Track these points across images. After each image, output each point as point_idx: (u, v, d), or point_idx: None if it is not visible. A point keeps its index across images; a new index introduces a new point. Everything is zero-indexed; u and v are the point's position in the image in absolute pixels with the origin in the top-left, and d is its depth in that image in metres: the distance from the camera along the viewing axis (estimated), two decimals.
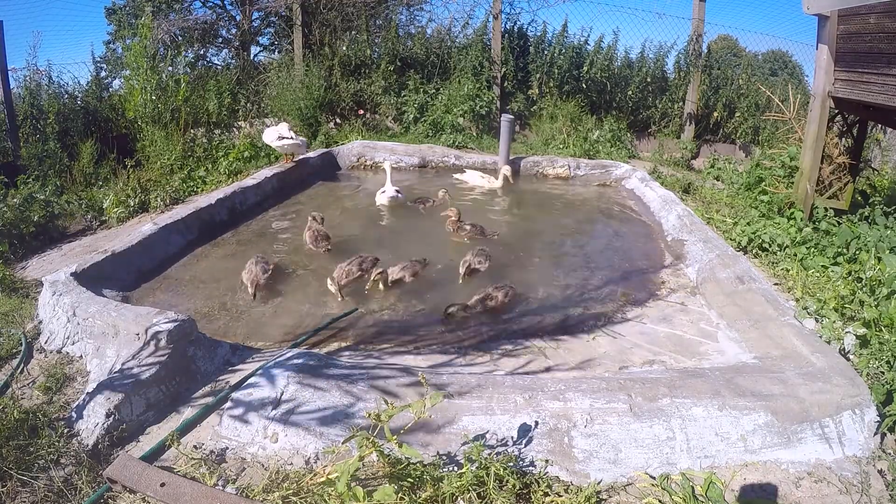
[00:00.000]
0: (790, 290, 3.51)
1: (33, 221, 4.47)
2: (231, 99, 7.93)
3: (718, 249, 3.89)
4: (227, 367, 2.54)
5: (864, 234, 3.85)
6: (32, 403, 2.28)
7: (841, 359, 2.45)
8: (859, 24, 4.15)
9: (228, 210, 4.82)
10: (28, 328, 2.93)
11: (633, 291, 3.67)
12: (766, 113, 8.11)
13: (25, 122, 6.39)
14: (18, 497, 1.78)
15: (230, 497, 1.73)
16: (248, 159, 6.45)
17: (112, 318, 2.57)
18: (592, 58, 8.69)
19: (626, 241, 4.71)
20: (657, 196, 5.54)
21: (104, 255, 3.46)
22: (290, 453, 1.99)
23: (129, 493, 1.80)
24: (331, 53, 8.49)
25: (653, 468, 2.00)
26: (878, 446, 2.17)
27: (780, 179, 5.33)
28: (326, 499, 1.73)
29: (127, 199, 5.11)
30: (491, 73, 8.43)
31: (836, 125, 4.91)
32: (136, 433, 2.13)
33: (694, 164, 8.27)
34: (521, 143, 8.07)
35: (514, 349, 2.88)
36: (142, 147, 6.29)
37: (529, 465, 1.95)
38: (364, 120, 8.35)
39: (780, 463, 2.07)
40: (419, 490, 1.78)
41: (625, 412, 2.08)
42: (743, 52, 12.76)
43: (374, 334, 3.03)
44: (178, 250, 4.02)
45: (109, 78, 8.28)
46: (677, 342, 3.01)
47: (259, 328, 3.07)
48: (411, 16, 9.42)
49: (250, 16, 9.03)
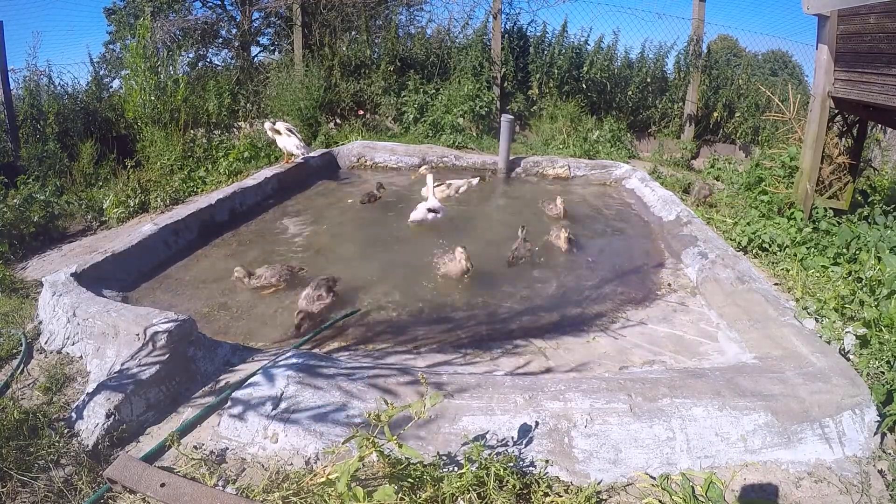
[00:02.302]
0: (790, 290, 3.51)
1: (33, 222, 4.47)
2: (231, 99, 7.94)
3: (718, 249, 3.89)
4: (228, 368, 2.54)
5: (864, 234, 3.85)
6: (32, 404, 2.28)
7: (841, 359, 2.45)
8: (859, 24, 4.15)
9: (229, 210, 4.82)
10: (28, 328, 2.93)
11: (633, 291, 3.67)
12: (766, 113, 8.10)
13: (25, 122, 6.39)
14: (18, 497, 1.78)
15: (230, 497, 1.73)
16: (248, 159, 6.45)
17: (112, 318, 2.57)
18: (592, 58, 8.69)
19: (626, 241, 4.71)
20: (657, 196, 5.55)
21: (104, 256, 3.46)
22: (290, 453, 1.99)
23: (129, 493, 1.80)
24: (331, 54, 8.49)
25: (653, 468, 2.00)
26: (878, 446, 2.17)
27: (780, 179, 5.32)
28: (326, 499, 1.73)
29: (127, 199, 5.11)
30: (491, 73, 8.43)
31: (836, 125, 4.91)
32: (137, 433, 2.13)
33: (694, 165, 8.27)
34: (521, 143, 8.08)
35: (513, 349, 2.88)
36: (142, 147, 6.29)
37: (529, 465, 1.95)
38: (364, 120, 8.36)
39: (781, 463, 2.07)
40: (419, 490, 1.78)
41: (625, 412, 2.08)
42: (743, 52, 12.75)
43: (374, 334, 3.03)
44: (177, 250, 4.02)
45: (109, 78, 8.28)
46: (677, 342, 3.01)
47: (259, 328, 3.07)
48: (411, 16, 9.45)
49: (250, 16, 9.03)
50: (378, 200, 5.39)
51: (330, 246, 4.30)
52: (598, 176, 6.85)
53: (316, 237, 4.54)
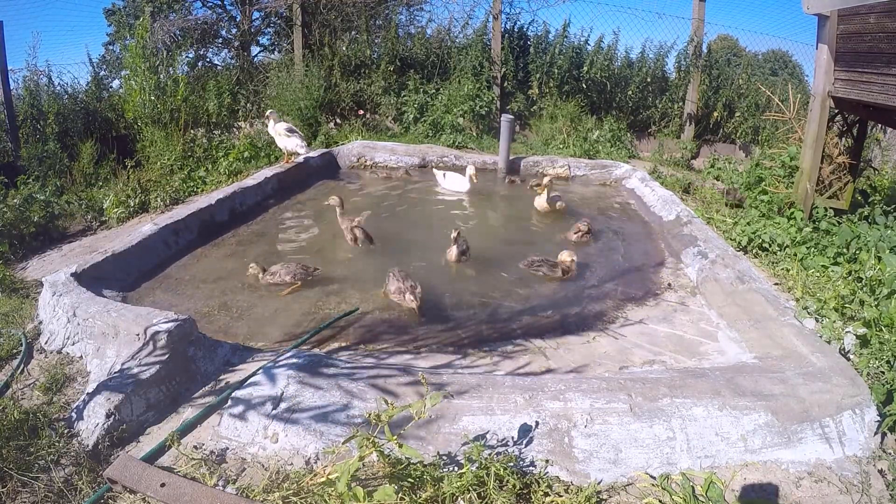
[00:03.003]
0: (790, 290, 3.51)
1: (33, 222, 4.47)
2: (231, 99, 7.94)
3: (718, 249, 3.89)
4: (228, 368, 2.54)
5: (864, 233, 3.85)
6: (32, 404, 2.28)
7: (841, 359, 2.45)
8: (859, 24, 4.15)
9: (229, 210, 4.82)
10: (28, 328, 2.93)
11: (633, 291, 3.67)
12: (766, 113, 8.10)
13: (25, 122, 6.39)
14: (18, 497, 1.78)
15: (230, 497, 1.73)
16: (248, 159, 6.45)
17: (112, 318, 2.57)
18: (592, 58, 8.69)
19: (627, 241, 4.70)
20: (657, 196, 5.54)
21: (104, 256, 3.46)
22: (290, 453, 1.99)
23: (129, 493, 1.80)
24: (330, 53, 8.49)
25: (653, 468, 2.00)
26: (878, 446, 2.17)
27: (780, 179, 5.32)
28: (326, 499, 1.73)
29: (127, 199, 5.11)
30: (491, 73, 8.43)
31: (836, 125, 4.91)
32: (137, 433, 2.13)
33: (694, 164, 8.26)
34: (521, 143, 8.08)
35: (513, 349, 2.88)
36: (142, 147, 6.29)
37: (529, 465, 1.95)
38: (364, 120, 8.36)
39: (781, 463, 2.07)
40: (419, 490, 1.78)
41: (625, 412, 2.08)
42: (743, 52, 12.75)
43: (375, 334, 3.02)
44: (177, 250, 4.02)
45: (109, 78, 8.29)
46: (677, 342, 3.01)
47: (259, 328, 3.06)
48: (411, 16, 9.44)
49: (250, 16, 9.03)
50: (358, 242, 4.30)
51: (330, 246, 4.30)
52: (598, 176, 6.86)
53: (316, 237, 4.54)
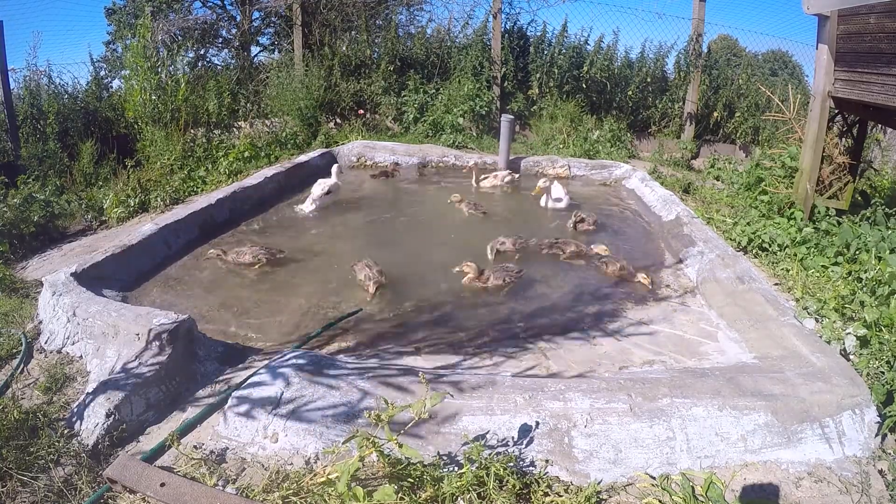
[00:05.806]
0: (790, 290, 3.51)
1: (33, 221, 4.47)
2: (231, 99, 7.93)
3: (718, 249, 3.89)
4: (227, 367, 2.54)
5: (864, 234, 3.84)
6: (32, 403, 2.28)
7: (841, 359, 2.45)
8: (859, 24, 4.15)
9: (229, 210, 4.82)
10: (28, 328, 2.93)
11: (633, 291, 3.67)
12: (766, 113, 8.09)
13: (25, 122, 6.39)
14: (18, 497, 1.78)
15: (230, 497, 1.73)
16: (248, 159, 6.45)
17: (112, 318, 2.57)
18: (592, 58, 8.68)
19: (627, 241, 4.70)
20: (657, 196, 5.54)
21: (104, 255, 3.46)
22: (290, 453, 1.99)
23: (129, 493, 1.80)
24: (331, 53, 8.49)
25: (653, 468, 2.00)
26: (878, 446, 2.17)
27: (780, 179, 5.32)
28: (326, 499, 1.73)
29: (127, 199, 5.11)
30: (491, 73, 8.43)
31: (836, 125, 4.91)
32: (137, 433, 2.13)
33: (694, 165, 8.26)
34: (521, 143, 8.07)
35: (514, 349, 2.88)
36: (142, 147, 6.29)
37: (529, 465, 1.95)
38: (364, 120, 8.35)
39: (781, 463, 2.07)
40: (419, 490, 1.78)
41: (625, 412, 2.08)
42: (743, 52, 12.76)
43: (376, 335, 3.02)
44: (178, 250, 4.02)
45: (109, 78, 8.28)
46: (677, 342, 3.01)
47: (259, 328, 3.06)
48: (411, 16, 9.44)
49: (250, 16, 9.03)
50: (390, 178, 6.22)
51: (331, 246, 4.30)
52: (598, 176, 6.85)
53: (316, 237, 4.54)
